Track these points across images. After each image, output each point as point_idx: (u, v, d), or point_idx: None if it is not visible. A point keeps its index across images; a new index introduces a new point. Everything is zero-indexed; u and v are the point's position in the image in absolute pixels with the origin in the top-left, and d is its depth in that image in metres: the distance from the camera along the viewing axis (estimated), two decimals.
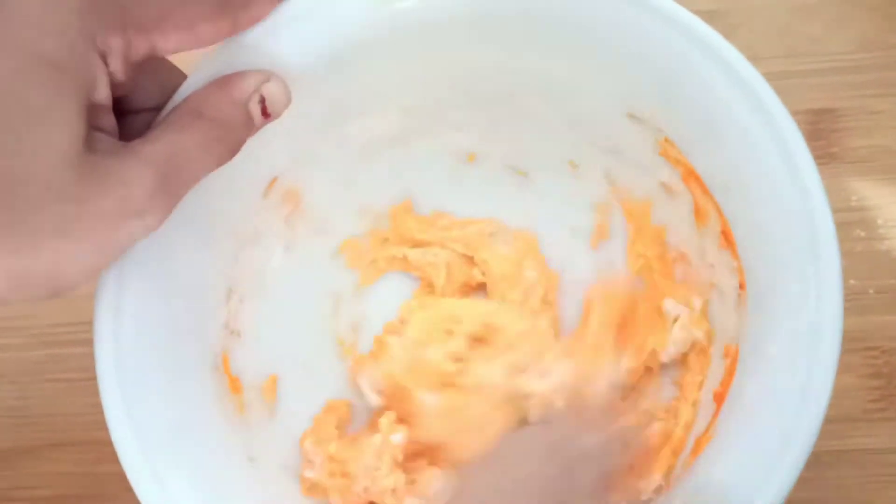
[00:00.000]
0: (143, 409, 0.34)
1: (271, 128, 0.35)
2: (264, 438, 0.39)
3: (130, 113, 0.33)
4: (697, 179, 0.37)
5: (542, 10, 0.35)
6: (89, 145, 0.28)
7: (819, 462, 0.35)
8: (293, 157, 0.40)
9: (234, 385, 0.39)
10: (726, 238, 0.36)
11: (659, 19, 0.34)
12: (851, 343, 0.43)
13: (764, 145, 0.33)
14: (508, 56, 0.38)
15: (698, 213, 0.38)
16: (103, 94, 0.30)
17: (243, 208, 0.39)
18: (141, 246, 0.33)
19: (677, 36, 0.34)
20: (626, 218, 0.42)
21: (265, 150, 0.38)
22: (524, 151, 0.43)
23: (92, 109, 0.29)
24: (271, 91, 0.34)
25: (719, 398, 0.35)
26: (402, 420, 0.40)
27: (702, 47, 0.34)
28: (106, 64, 0.29)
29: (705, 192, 0.36)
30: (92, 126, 0.29)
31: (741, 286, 0.36)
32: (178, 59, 0.34)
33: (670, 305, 0.39)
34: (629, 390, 0.40)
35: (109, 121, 0.30)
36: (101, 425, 0.33)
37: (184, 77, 0.34)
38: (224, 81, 0.33)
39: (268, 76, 0.34)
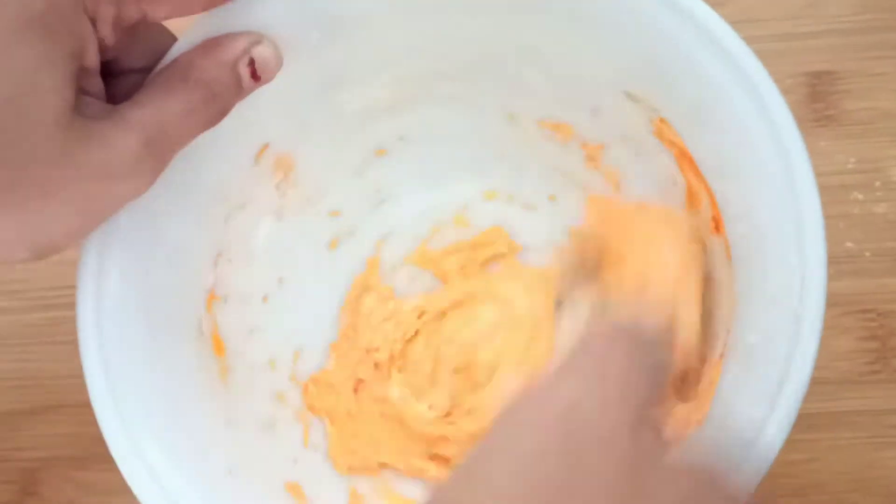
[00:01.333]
0: (123, 373, 0.34)
1: (263, 93, 0.35)
2: (245, 401, 0.39)
3: (119, 74, 0.33)
4: (691, 162, 0.36)
5: None
6: (77, 109, 0.28)
7: (814, 424, 0.36)
8: (285, 123, 0.40)
9: (219, 348, 0.39)
10: (717, 225, 0.36)
11: None
12: (847, 306, 0.43)
13: (756, 131, 0.33)
14: (502, 29, 0.38)
15: (690, 197, 0.38)
16: (92, 59, 0.30)
17: (233, 174, 0.39)
18: (126, 209, 0.33)
19: (670, 13, 0.34)
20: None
21: (256, 114, 0.38)
22: None
23: (80, 73, 0.29)
24: (261, 53, 0.34)
25: (712, 382, 0.35)
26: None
27: (695, 26, 0.33)
28: (96, 30, 0.29)
29: (698, 175, 0.36)
30: (80, 90, 0.29)
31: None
32: (169, 22, 0.33)
33: None
34: None
35: (97, 84, 0.30)
36: None
37: (174, 39, 0.34)
38: (212, 43, 0.33)
39: (258, 38, 0.34)
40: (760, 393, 0.31)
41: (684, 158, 0.37)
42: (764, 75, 0.33)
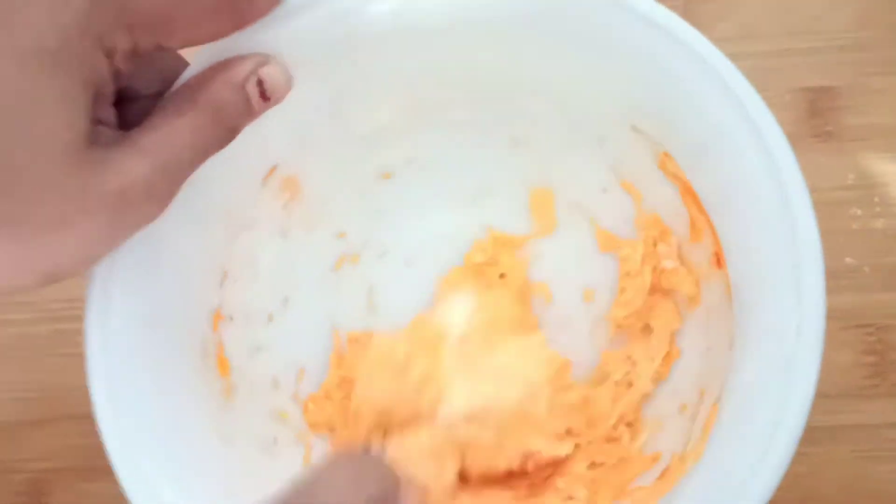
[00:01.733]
0: (127, 394, 0.35)
1: (272, 115, 0.35)
2: (247, 420, 0.40)
3: (131, 100, 0.33)
4: (694, 196, 0.37)
5: (542, 17, 0.36)
6: (90, 139, 0.28)
7: (812, 437, 0.36)
8: (293, 145, 0.40)
9: (224, 368, 0.39)
10: (718, 259, 0.36)
11: (656, 33, 0.34)
12: (846, 320, 0.43)
13: (757, 171, 0.33)
14: (510, 59, 0.38)
15: (693, 231, 0.38)
16: (106, 90, 0.30)
17: (241, 195, 0.40)
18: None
19: (672, 47, 0.34)
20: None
21: (265, 137, 0.38)
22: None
23: (94, 104, 0.29)
24: (270, 74, 0.34)
25: (708, 422, 0.35)
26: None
27: (698, 61, 0.34)
28: (111, 61, 0.29)
29: (701, 209, 0.37)
30: (93, 119, 0.29)
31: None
32: None
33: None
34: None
35: (110, 112, 0.31)
36: None
37: (186, 64, 0.34)
38: (220, 65, 0.33)
39: (265, 59, 0.34)
40: (754, 435, 0.31)
41: (688, 193, 0.37)
42: (766, 113, 0.33)
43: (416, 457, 0.38)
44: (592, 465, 0.39)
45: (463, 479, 0.39)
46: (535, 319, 0.42)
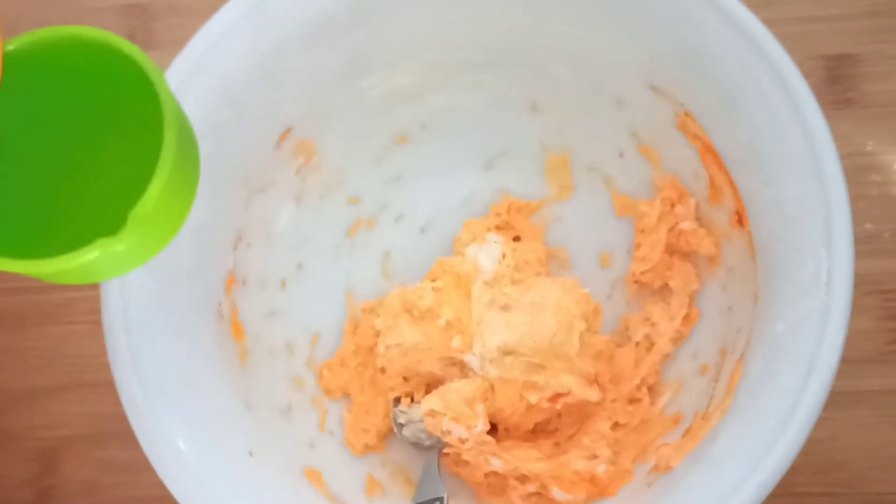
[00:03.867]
0: (147, 355, 0.35)
1: (287, 76, 0.35)
2: (263, 384, 0.40)
3: None
4: (715, 156, 0.37)
5: None
6: None
7: (834, 402, 0.36)
8: (308, 107, 0.40)
9: (238, 332, 0.39)
10: (740, 218, 0.37)
11: None
12: (866, 286, 0.43)
13: (785, 122, 0.34)
14: (531, 18, 0.38)
15: (713, 191, 0.38)
16: None
17: (255, 157, 0.40)
18: None
19: (700, 5, 0.34)
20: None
21: (279, 98, 0.38)
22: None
23: None
24: None
25: (733, 378, 0.35)
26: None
27: (725, 18, 0.34)
28: None
29: (722, 169, 0.37)
30: None
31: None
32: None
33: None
34: None
35: None
36: None
37: None
38: None
39: None
40: (787, 384, 0.32)
41: (708, 153, 0.37)
42: (790, 65, 0.33)
43: (449, 406, 0.38)
44: (616, 426, 0.39)
45: (491, 434, 0.39)
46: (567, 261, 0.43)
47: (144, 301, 0.35)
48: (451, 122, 0.43)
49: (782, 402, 0.32)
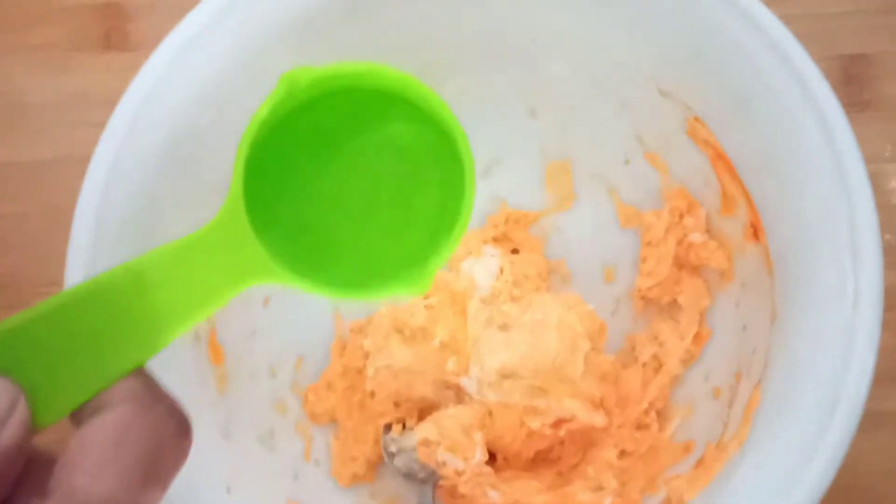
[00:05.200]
0: None
1: (269, 75, 0.33)
2: (242, 411, 0.38)
3: None
4: (727, 163, 0.35)
5: None
6: None
7: None
8: None
9: (216, 354, 0.38)
10: (755, 231, 0.35)
11: None
12: (887, 300, 0.40)
13: (804, 126, 0.31)
14: (530, 14, 0.36)
15: (725, 201, 0.36)
16: None
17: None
18: (125, 194, 0.32)
19: (713, 4, 0.32)
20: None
21: (261, 101, 0.35)
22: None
23: None
24: None
25: (750, 405, 0.33)
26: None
27: (739, 13, 0.32)
28: None
29: (734, 177, 0.35)
30: None
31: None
32: None
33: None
34: None
35: None
36: None
37: None
38: None
39: None
40: (811, 413, 0.29)
41: (720, 160, 0.35)
42: (810, 64, 0.31)
43: (444, 434, 0.36)
44: (622, 454, 0.37)
45: (490, 464, 0.36)
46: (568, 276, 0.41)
47: None
48: None
49: (805, 433, 0.29)
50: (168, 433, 0.23)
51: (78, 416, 0.22)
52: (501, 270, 0.38)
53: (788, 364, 0.31)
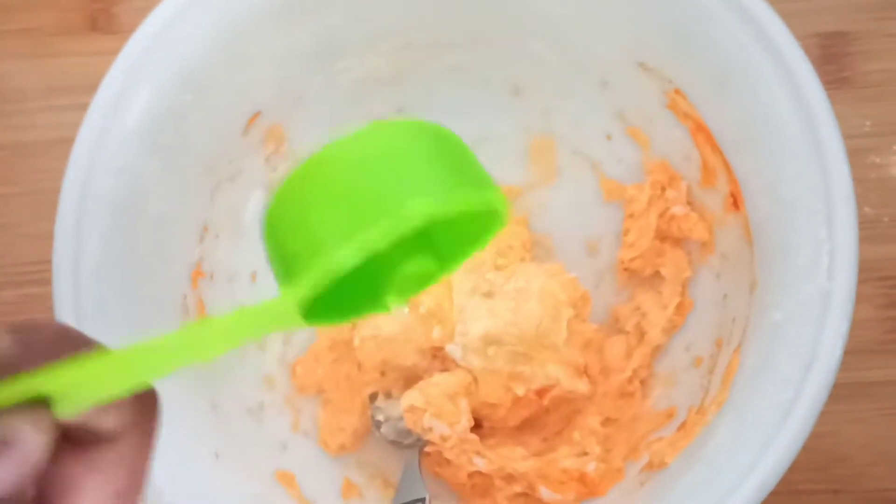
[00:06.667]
0: None
1: (255, 56, 0.34)
2: (231, 384, 0.39)
3: None
4: (707, 135, 0.36)
5: None
6: None
7: (833, 395, 0.35)
8: (278, 90, 0.39)
9: None
10: (735, 201, 0.36)
11: None
12: (866, 273, 0.41)
13: (781, 98, 0.32)
14: None
15: (706, 173, 0.37)
16: None
17: (221, 143, 0.39)
18: (109, 172, 0.33)
19: None
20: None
21: (247, 79, 0.37)
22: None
23: None
24: None
25: (730, 370, 0.34)
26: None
27: None
28: None
29: (715, 149, 0.36)
30: None
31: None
32: None
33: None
34: None
35: None
36: None
37: None
38: None
39: None
40: (786, 376, 0.31)
41: (700, 132, 0.36)
42: (788, 37, 0.32)
43: (430, 401, 0.36)
44: (606, 422, 0.38)
45: (476, 431, 0.37)
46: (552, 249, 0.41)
47: (99, 296, 0.34)
48: (428, 106, 0.41)
49: (782, 395, 0.30)
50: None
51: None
52: None
53: (766, 331, 0.32)
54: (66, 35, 0.47)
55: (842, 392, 0.40)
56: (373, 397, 0.40)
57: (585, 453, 0.37)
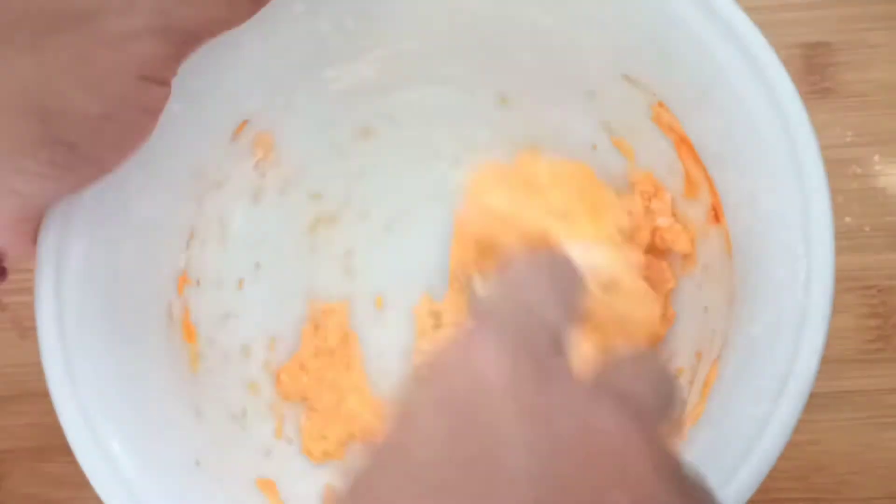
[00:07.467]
0: (84, 356, 0.33)
1: (243, 63, 0.34)
2: (215, 390, 0.39)
3: None
4: (690, 148, 0.36)
5: None
6: None
7: (814, 404, 0.35)
8: (266, 98, 0.39)
9: (190, 334, 0.39)
10: (716, 214, 0.36)
11: None
12: (847, 282, 0.43)
13: (760, 113, 0.33)
14: (498, 5, 0.38)
15: (689, 185, 0.38)
16: None
17: (209, 150, 0.39)
18: (90, 185, 0.33)
19: None
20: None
21: (235, 87, 0.37)
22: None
23: None
24: None
25: (707, 382, 0.35)
26: None
27: (701, 5, 0.33)
28: None
29: (697, 162, 0.36)
30: None
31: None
32: None
33: None
34: None
35: None
36: None
37: None
38: None
39: None
40: (762, 389, 0.31)
41: (683, 145, 0.37)
42: (768, 50, 0.33)
43: None
44: None
45: None
46: None
47: (82, 303, 0.34)
48: (417, 115, 0.42)
49: (757, 408, 0.31)
50: None
51: None
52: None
53: (744, 343, 0.33)
54: None
55: (823, 401, 0.41)
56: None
57: None
